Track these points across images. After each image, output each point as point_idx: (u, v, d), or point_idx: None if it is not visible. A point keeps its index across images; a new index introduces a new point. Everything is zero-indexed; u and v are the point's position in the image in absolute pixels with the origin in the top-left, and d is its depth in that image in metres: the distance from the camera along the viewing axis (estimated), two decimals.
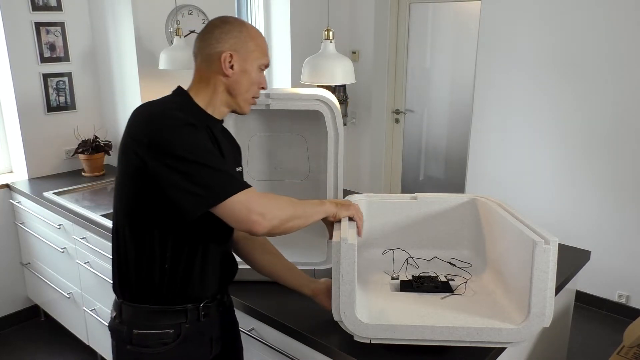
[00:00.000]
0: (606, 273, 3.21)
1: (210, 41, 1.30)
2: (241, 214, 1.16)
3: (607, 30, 3.00)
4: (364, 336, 1.24)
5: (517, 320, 1.22)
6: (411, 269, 1.56)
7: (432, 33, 4.15)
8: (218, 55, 1.28)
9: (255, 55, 1.32)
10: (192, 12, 3.18)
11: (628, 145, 3.04)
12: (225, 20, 1.33)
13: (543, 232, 1.20)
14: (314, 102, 1.69)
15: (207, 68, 1.31)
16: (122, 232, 1.31)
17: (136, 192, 1.25)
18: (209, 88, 1.32)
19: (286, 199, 1.24)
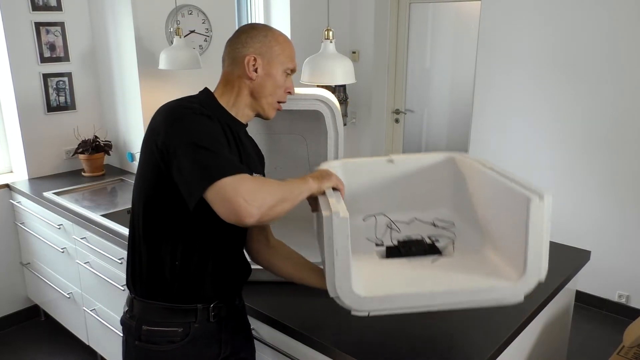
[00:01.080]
0: (606, 273, 3.21)
1: (236, 45, 1.33)
2: (229, 199, 1.09)
3: (607, 30, 3.00)
4: (362, 309, 1.19)
5: (512, 277, 1.18)
6: (394, 233, 1.51)
7: (432, 33, 4.15)
8: (242, 58, 1.31)
9: (281, 59, 1.34)
10: (192, 12, 3.18)
11: (628, 145, 3.04)
12: (252, 26, 1.36)
13: (533, 186, 1.17)
14: (314, 102, 1.69)
15: (232, 71, 1.33)
16: (138, 228, 1.32)
17: (153, 186, 1.27)
18: (233, 90, 1.34)
19: (274, 183, 1.19)
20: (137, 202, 1.32)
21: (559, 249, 1.95)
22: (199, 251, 1.31)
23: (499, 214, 1.32)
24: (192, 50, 2.79)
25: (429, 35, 4.16)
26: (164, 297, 1.32)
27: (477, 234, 1.42)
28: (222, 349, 1.40)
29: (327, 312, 1.54)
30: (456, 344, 1.37)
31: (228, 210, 1.09)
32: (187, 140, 1.17)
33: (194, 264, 1.31)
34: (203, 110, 1.24)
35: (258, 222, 1.12)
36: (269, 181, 1.19)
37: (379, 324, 1.46)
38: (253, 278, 1.67)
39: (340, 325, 1.47)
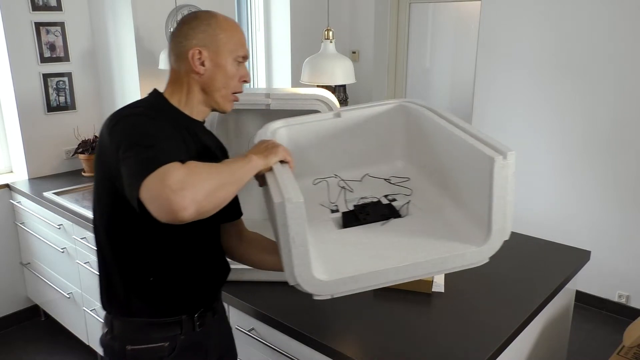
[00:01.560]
0: (606, 273, 3.21)
1: (179, 39, 1.24)
2: (157, 195, 0.94)
3: (608, 30, 3.00)
4: (325, 294, 1.09)
5: (477, 239, 1.12)
6: (348, 194, 1.41)
7: (432, 33, 4.15)
8: (186, 52, 1.22)
9: (229, 47, 1.23)
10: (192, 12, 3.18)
11: (628, 145, 3.04)
12: (194, 16, 1.26)
13: (496, 143, 1.08)
14: (314, 102, 1.69)
15: (179, 68, 1.25)
16: (104, 246, 1.25)
17: (110, 202, 1.18)
18: (182, 88, 1.26)
19: (210, 167, 1.04)
20: (99, 223, 1.25)
21: (559, 249, 1.95)
22: (173, 261, 1.24)
23: (459, 171, 1.24)
24: None
25: (429, 35, 4.16)
26: (145, 313, 1.25)
27: (435, 189, 1.33)
28: (209, 356, 1.37)
29: (326, 312, 1.54)
30: (456, 344, 1.37)
31: (158, 208, 0.94)
32: (125, 142, 1.06)
33: (171, 276, 1.25)
34: (146, 112, 1.16)
35: (197, 214, 0.96)
36: (202, 165, 1.02)
37: (379, 323, 1.46)
38: (252, 278, 1.67)
39: (340, 325, 1.47)
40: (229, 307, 1.66)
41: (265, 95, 1.70)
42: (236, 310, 1.63)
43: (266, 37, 4.05)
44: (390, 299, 1.59)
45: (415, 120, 1.41)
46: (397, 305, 1.56)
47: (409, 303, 1.57)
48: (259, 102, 1.71)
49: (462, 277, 1.73)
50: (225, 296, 1.64)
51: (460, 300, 1.58)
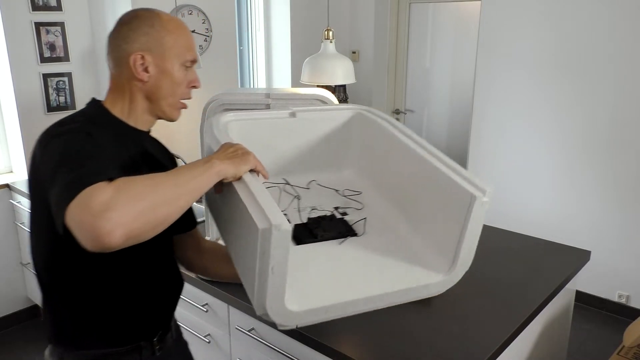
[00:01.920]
0: (606, 273, 3.21)
1: (118, 42, 1.10)
2: (79, 221, 0.80)
3: (607, 30, 3.00)
4: (291, 324, 0.97)
5: (440, 268, 1.07)
6: (297, 202, 1.32)
7: (432, 33, 4.15)
8: (127, 57, 1.08)
9: (175, 51, 1.11)
10: (192, 12, 3.18)
11: (628, 145, 3.04)
12: (135, 15, 1.11)
13: (472, 177, 1.03)
14: (314, 102, 1.69)
15: (120, 74, 1.12)
16: (45, 277, 1.12)
17: (49, 229, 1.00)
18: (125, 97, 1.13)
19: (146, 179, 0.87)
20: (37, 253, 1.12)
21: (559, 249, 1.95)
22: (124, 285, 1.13)
23: (421, 195, 1.18)
24: None
25: (429, 35, 4.16)
26: (100, 344, 1.14)
27: (389, 207, 1.26)
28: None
29: None
30: (456, 344, 1.37)
31: (83, 235, 0.80)
32: (55, 164, 0.91)
33: (124, 301, 1.13)
34: (82, 128, 1.02)
35: (126, 238, 0.80)
36: (136, 180, 0.85)
37: (379, 323, 1.46)
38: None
39: (340, 326, 1.47)
40: (229, 307, 1.66)
41: (265, 95, 1.70)
42: (236, 310, 1.63)
43: (266, 37, 4.05)
44: None
45: (373, 132, 1.33)
46: (397, 306, 1.56)
47: (409, 303, 1.56)
48: (259, 102, 1.71)
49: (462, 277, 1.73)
50: (225, 296, 1.64)
51: (460, 301, 1.58)
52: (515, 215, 3.52)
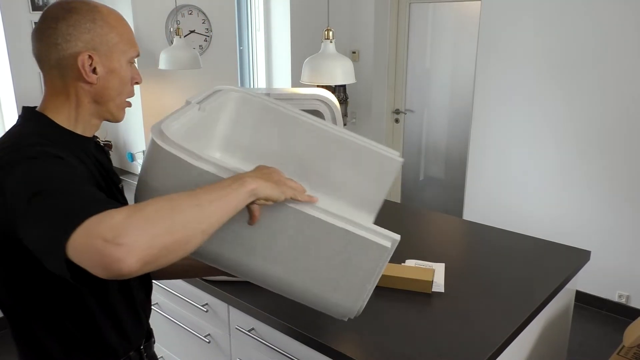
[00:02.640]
0: (606, 273, 3.21)
1: (55, 40, 0.96)
2: (87, 250, 0.73)
3: (607, 30, 3.00)
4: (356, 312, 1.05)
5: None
6: None
7: (432, 33, 4.15)
8: (72, 58, 0.97)
9: (121, 47, 1.01)
10: (192, 12, 3.18)
11: (629, 145, 3.04)
12: (69, 8, 0.97)
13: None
14: (314, 102, 1.69)
15: (62, 76, 0.99)
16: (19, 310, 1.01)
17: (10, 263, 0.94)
18: (70, 102, 1.01)
19: (159, 200, 0.78)
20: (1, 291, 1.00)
21: (559, 249, 1.95)
22: (106, 296, 1.04)
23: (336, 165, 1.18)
24: (192, 50, 2.79)
25: (429, 35, 4.16)
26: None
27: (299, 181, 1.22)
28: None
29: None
30: (456, 344, 1.37)
31: (93, 266, 0.73)
32: (27, 194, 0.81)
33: (109, 312, 1.06)
34: (45, 148, 0.91)
35: (144, 265, 0.73)
36: (150, 201, 0.78)
37: (379, 323, 1.47)
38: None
39: (340, 326, 1.47)
40: (229, 307, 1.66)
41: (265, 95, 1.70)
42: (236, 310, 1.63)
43: (266, 37, 4.05)
44: (390, 299, 1.60)
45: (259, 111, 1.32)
46: (397, 305, 1.56)
47: (409, 303, 1.57)
48: None
49: (462, 277, 1.73)
50: (225, 296, 1.64)
51: (460, 300, 1.59)
52: (515, 215, 3.52)
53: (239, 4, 3.88)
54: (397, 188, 4.56)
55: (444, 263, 1.80)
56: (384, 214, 2.38)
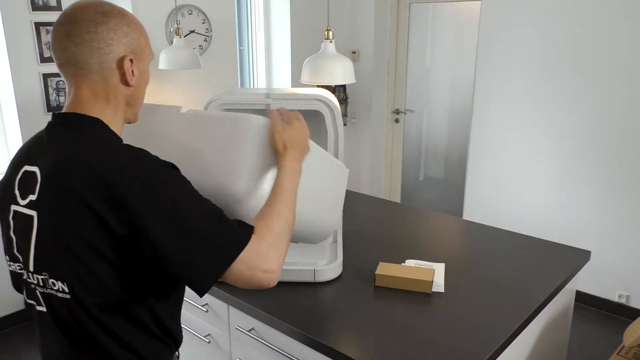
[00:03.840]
0: (606, 273, 3.21)
1: (98, 44, 0.97)
2: (248, 280, 0.99)
3: (608, 30, 3.00)
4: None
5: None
6: None
7: (432, 33, 4.15)
8: (115, 62, 1.00)
9: (147, 51, 1.06)
10: (192, 12, 3.18)
11: (629, 145, 3.04)
12: (104, 12, 0.99)
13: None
14: (314, 102, 1.69)
15: (103, 80, 1.00)
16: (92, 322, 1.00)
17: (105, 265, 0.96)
18: (110, 105, 1.03)
19: (274, 217, 1.05)
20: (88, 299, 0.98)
21: (559, 249, 1.95)
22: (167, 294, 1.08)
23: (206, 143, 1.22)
24: (192, 50, 2.79)
25: (429, 35, 4.16)
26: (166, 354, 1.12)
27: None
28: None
29: (327, 312, 1.54)
30: (456, 344, 1.37)
31: (249, 285, 1.00)
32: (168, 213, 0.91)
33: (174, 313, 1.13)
34: (157, 158, 0.97)
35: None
36: (270, 221, 1.04)
37: (379, 323, 1.47)
38: None
39: (340, 325, 1.47)
40: (229, 307, 1.66)
41: (265, 95, 1.70)
42: (236, 310, 1.63)
43: (266, 37, 4.06)
44: (390, 299, 1.60)
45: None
46: (397, 305, 1.56)
47: (409, 303, 1.57)
48: (258, 102, 1.71)
49: (462, 277, 1.73)
50: (225, 296, 1.64)
51: (460, 300, 1.59)
52: (515, 215, 3.52)
53: (239, 4, 3.88)
54: (397, 188, 4.56)
55: (444, 263, 1.80)
56: (385, 213, 2.39)
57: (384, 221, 2.28)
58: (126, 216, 0.90)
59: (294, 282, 1.67)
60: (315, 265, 1.69)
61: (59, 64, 1.00)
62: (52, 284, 0.98)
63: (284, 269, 1.65)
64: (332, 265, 1.68)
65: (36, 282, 1.01)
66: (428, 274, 1.64)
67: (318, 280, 1.67)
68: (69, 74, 1.00)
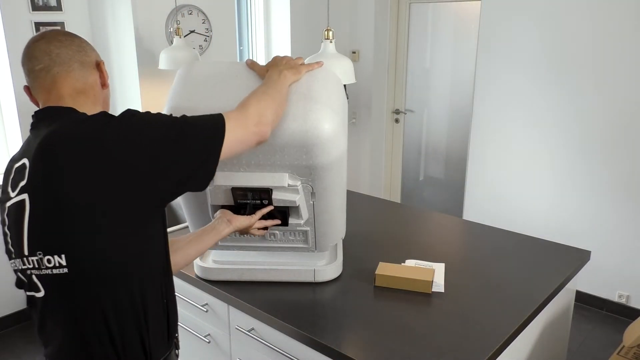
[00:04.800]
0: (606, 273, 3.21)
1: (77, 47, 1.13)
2: (243, 134, 1.16)
3: (608, 30, 3.00)
4: None
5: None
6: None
7: (432, 33, 4.15)
8: (94, 63, 1.15)
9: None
10: (192, 12, 3.18)
11: (628, 145, 3.04)
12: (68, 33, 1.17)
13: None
14: None
15: (83, 78, 1.13)
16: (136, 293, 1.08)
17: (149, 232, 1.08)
18: (89, 101, 1.14)
19: (255, 97, 1.23)
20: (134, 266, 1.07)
21: (559, 249, 1.95)
22: (171, 278, 1.20)
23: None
24: (192, 50, 2.79)
25: (429, 35, 4.16)
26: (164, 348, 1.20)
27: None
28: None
29: (327, 312, 1.54)
30: (456, 344, 1.37)
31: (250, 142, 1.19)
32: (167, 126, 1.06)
33: (172, 297, 1.21)
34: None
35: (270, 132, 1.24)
36: (250, 100, 1.22)
37: (379, 323, 1.46)
38: (252, 278, 1.67)
39: (340, 325, 1.47)
40: (229, 307, 1.66)
41: None
42: (236, 310, 1.63)
43: (266, 37, 4.06)
44: (390, 298, 1.60)
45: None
46: (397, 305, 1.56)
47: (409, 303, 1.57)
48: None
49: (462, 277, 1.73)
50: (225, 296, 1.64)
51: (460, 300, 1.59)
52: (515, 215, 3.52)
53: (239, 4, 3.88)
54: (397, 188, 4.56)
55: (444, 263, 1.80)
56: (385, 213, 2.39)
57: (384, 221, 2.28)
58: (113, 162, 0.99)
59: (294, 282, 1.67)
60: (315, 265, 1.69)
61: (39, 68, 1.09)
62: (48, 262, 1.01)
63: (284, 269, 1.66)
64: (332, 265, 1.68)
65: (32, 266, 1.03)
66: (428, 274, 1.64)
67: (318, 280, 1.67)
68: (49, 76, 1.09)
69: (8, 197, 1.05)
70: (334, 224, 1.63)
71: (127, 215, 1.01)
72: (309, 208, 1.54)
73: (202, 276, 1.70)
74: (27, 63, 1.10)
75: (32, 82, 1.12)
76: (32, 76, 1.10)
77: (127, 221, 1.02)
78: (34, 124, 1.10)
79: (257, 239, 1.64)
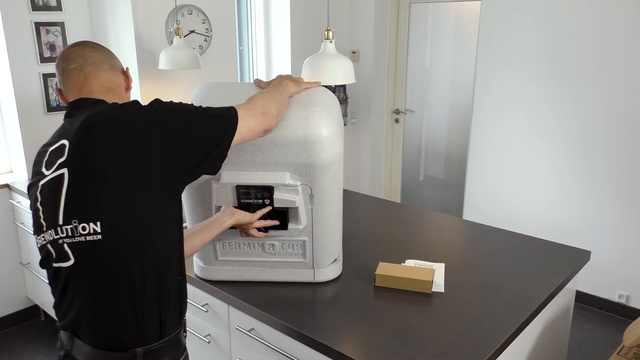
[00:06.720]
0: (606, 273, 3.21)
1: (107, 53, 1.31)
2: (254, 124, 1.30)
3: (608, 30, 3.00)
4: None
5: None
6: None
7: (432, 33, 4.15)
8: (121, 69, 1.33)
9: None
10: (192, 12, 3.18)
11: (629, 145, 3.04)
12: (95, 44, 1.35)
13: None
14: None
15: (111, 78, 1.29)
16: (161, 269, 1.21)
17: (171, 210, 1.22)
18: (115, 97, 1.31)
19: (260, 95, 1.37)
20: (161, 245, 1.20)
21: (559, 249, 1.95)
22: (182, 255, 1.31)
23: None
24: (192, 50, 2.79)
25: (429, 35, 4.16)
26: (179, 323, 1.31)
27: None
28: None
29: (327, 312, 1.54)
30: (456, 344, 1.37)
31: (259, 128, 1.32)
32: (187, 112, 1.21)
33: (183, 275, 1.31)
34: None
35: (276, 123, 1.40)
36: (255, 100, 1.35)
37: (379, 323, 1.46)
38: (252, 278, 1.67)
39: (340, 325, 1.47)
40: (229, 307, 1.66)
41: None
42: (236, 310, 1.63)
43: (266, 37, 4.05)
44: (390, 299, 1.60)
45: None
46: (397, 305, 1.56)
47: (409, 303, 1.57)
48: None
49: (462, 277, 1.73)
50: (225, 296, 1.64)
51: (460, 300, 1.59)
52: (516, 215, 3.52)
53: (239, 4, 3.88)
54: (397, 188, 4.56)
55: (444, 263, 1.80)
56: (385, 213, 2.39)
57: (384, 221, 2.28)
58: (145, 141, 1.14)
59: (294, 282, 1.67)
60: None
61: (73, 67, 1.23)
62: (82, 229, 1.12)
63: (284, 269, 1.66)
64: (332, 266, 1.69)
65: (65, 235, 1.13)
66: (428, 274, 1.64)
67: (318, 280, 1.67)
68: (82, 74, 1.24)
69: (42, 176, 1.17)
70: (331, 235, 1.63)
71: (155, 189, 1.14)
72: (307, 213, 1.56)
73: (202, 276, 1.70)
74: (62, 64, 1.25)
75: (65, 80, 1.25)
76: (66, 75, 1.24)
77: (155, 194, 1.15)
78: (70, 112, 1.24)
79: (257, 254, 1.65)
